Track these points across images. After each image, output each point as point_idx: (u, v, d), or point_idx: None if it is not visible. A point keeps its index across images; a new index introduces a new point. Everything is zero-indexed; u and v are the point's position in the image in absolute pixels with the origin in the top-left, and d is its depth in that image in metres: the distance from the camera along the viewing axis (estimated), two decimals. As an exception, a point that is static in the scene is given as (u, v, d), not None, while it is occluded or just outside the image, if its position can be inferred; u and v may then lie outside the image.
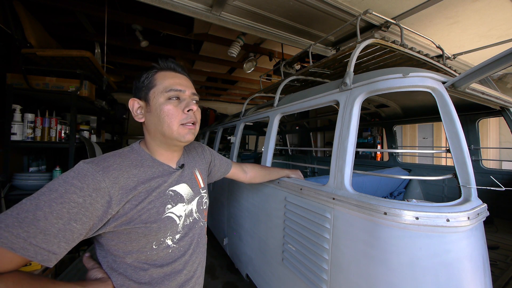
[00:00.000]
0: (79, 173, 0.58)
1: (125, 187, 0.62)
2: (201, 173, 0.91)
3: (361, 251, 0.85)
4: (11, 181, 1.86)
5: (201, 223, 0.84)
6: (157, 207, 0.68)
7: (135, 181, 0.65)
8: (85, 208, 0.55)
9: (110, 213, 0.59)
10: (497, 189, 0.89)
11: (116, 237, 0.63)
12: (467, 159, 0.78)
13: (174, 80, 0.73)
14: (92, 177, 0.58)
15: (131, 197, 0.63)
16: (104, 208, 0.58)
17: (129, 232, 0.63)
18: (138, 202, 0.64)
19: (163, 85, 0.71)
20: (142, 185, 0.66)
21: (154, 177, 0.70)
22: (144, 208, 0.65)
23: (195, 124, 0.74)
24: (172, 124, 0.70)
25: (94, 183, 0.57)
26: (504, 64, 0.74)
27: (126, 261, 0.65)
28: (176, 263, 0.72)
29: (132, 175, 0.65)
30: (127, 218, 0.62)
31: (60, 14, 2.39)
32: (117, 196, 0.60)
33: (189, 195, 0.79)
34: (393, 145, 2.46)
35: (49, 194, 0.53)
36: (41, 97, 2.13)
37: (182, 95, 0.73)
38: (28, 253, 0.49)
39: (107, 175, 0.60)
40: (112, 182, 0.60)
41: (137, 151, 0.73)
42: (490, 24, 1.93)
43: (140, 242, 0.65)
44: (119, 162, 0.65)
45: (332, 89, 1.15)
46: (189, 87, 0.75)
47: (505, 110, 1.64)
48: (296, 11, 1.85)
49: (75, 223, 0.54)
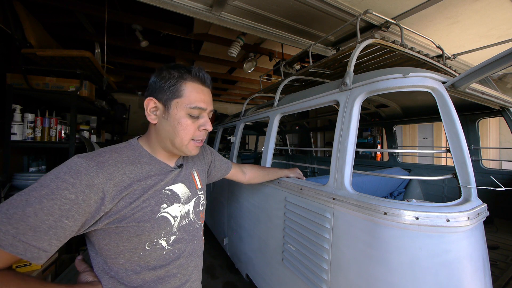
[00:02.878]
0: (72, 168, 0.56)
1: (119, 184, 0.60)
2: (199, 174, 0.89)
3: (361, 251, 0.85)
4: (11, 181, 1.86)
5: (196, 225, 0.81)
6: (151, 206, 0.66)
7: (130, 177, 0.63)
8: (78, 205, 0.54)
9: (103, 210, 0.58)
10: (497, 189, 0.89)
11: (107, 236, 0.61)
12: (467, 159, 0.78)
13: (200, 96, 0.70)
14: (86, 172, 0.56)
15: (126, 194, 0.61)
16: (97, 204, 0.57)
17: (121, 231, 0.61)
18: (133, 200, 0.62)
19: (189, 99, 0.68)
20: (137, 183, 0.64)
21: (150, 175, 0.68)
22: (138, 207, 0.63)
23: (203, 140, 0.76)
24: (184, 139, 0.69)
25: (87, 178, 0.55)
26: (504, 64, 0.74)
27: (117, 261, 0.63)
28: (170, 266, 0.70)
29: (128, 171, 0.63)
30: (120, 216, 0.60)
31: (60, 14, 2.39)
32: (111, 193, 0.58)
33: (186, 195, 0.77)
34: (393, 145, 2.46)
35: (40, 190, 0.51)
36: (41, 97, 2.13)
37: (202, 113, 0.72)
38: (17, 250, 0.48)
39: (101, 171, 0.58)
40: (107, 178, 0.58)
41: (134, 147, 0.71)
42: (490, 24, 1.93)
43: (132, 242, 0.63)
44: (115, 157, 0.63)
45: (332, 89, 1.15)
46: (210, 103, 0.74)
47: (505, 110, 1.64)
48: (296, 11, 1.85)
49: (66, 220, 0.52)
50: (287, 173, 1.34)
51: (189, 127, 0.69)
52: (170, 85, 0.68)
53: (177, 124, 0.68)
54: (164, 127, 0.70)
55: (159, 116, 0.70)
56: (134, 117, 5.49)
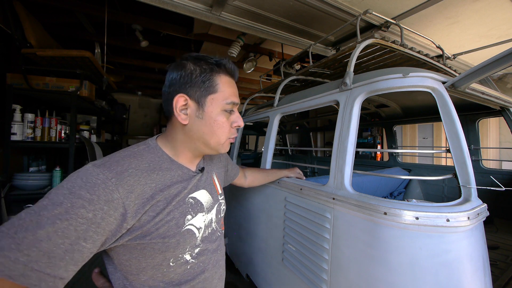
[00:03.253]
0: (87, 180, 0.48)
1: (141, 196, 0.53)
2: (219, 178, 0.84)
3: (361, 251, 0.85)
4: (11, 181, 1.86)
5: (218, 233, 0.75)
6: (176, 219, 0.59)
7: (152, 187, 0.56)
8: (96, 224, 0.47)
9: (125, 227, 0.51)
10: (497, 189, 0.89)
11: (128, 252, 0.55)
12: (467, 159, 0.78)
13: (232, 89, 0.65)
14: (104, 186, 0.49)
15: (149, 208, 0.54)
16: (118, 222, 0.50)
17: (143, 248, 0.55)
18: (156, 213, 0.55)
19: (225, 94, 0.63)
20: (160, 193, 0.57)
21: (173, 183, 0.60)
22: (162, 220, 0.56)
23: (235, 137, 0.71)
24: (221, 138, 0.64)
25: (105, 193, 0.48)
26: (504, 64, 0.74)
27: (139, 278, 0.57)
28: (195, 281, 0.64)
29: (150, 180, 0.56)
30: (143, 232, 0.54)
31: (60, 14, 2.39)
32: (133, 208, 0.51)
33: (209, 202, 0.70)
34: (393, 145, 2.46)
35: (52, 209, 0.44)
36: (41, 97, 2.13)
37: (234, 108, 0.67)
38: (30, 281, 0.41)
39: (121, 183, 0.51)
40: (127, 191, 0.51)
41: (154, 150, 0.63)
42: (490, 24, 1.93)
43: (156, 259, 0.57)
44: (135, 165, 0.56)
45: (332, 89, 1.15)
46: (238, 97, 0.68)
47: (505, 110, 1.64)
48: (296, 11, 1.85)
49: (84, 242, 0.46)
50: (287, 173, 1.34)
51: (224, 124, 0.64)
52: (204, 79, 0.61)
53: (213, 123, 0.62)
54: (198, 128, 0.62)
55: (190, 115, 0.62)
56: (134, 117, 5.49)
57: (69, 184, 0.48)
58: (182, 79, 0.61)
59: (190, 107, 0.61)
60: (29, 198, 1.91)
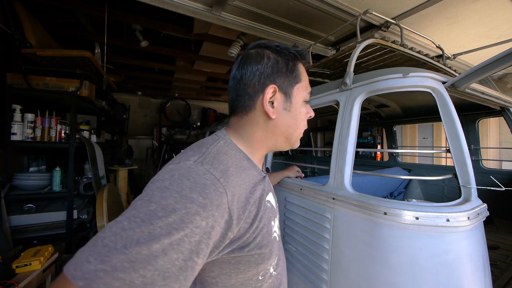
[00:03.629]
0: (195, 181, 0.40)
1: (240, 199, 0.45)
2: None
3: (361, 251, 0.85)
4: (11, 181, 1.86)
5: (279, 238, 0.67)
6: (266, 225, 0.51)
7: (246, 190, 0.48)
8: (207, 234, 0.38)
9: (228, 236, 0.43)
10: (497, 189, 0.89)
11: (218, 267, 0.46)
12: (467, 159, 0.78)
13: (308, 78, 0.60)
14: (214, 188, 0.41)
15: (247, 214, 0.46)
16: (223, 230, 0.42)
17: (238, 261, 0.46)
18: (251, 219, 0.47)
19: (306, 83, 0.58)
20: (251, 196, 0.49)
21: (256, 184, 0.52)
22: (257, 228, 0.48)
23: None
24: (301, 131, 0.59)
25: (217, 196, 0.40)
26: (504, 64, 0.74)
27: None
28: None
29: (242, 181, 0.48)
30: (242, 242, 0.45)
31: (60, 14, 2.39)
32: (236, 213, 0.44)
33: (276, 206, 0.63)
34: (393, 145, 2.46)
35: (166, 216, 0.35)
36: (41, 97, 2.13)
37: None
38: None
39: (228, 184, 0.43)
40: (232, 193, 0.43)
41: (233, 146, 0.54)
42: (490, 24, 1.93)
43: (248, 273, 0.48)
44: (231, 162, 0.48)
45: (332, 89, 1.15)
46: None
47: (505, 110, 1.64)
48: (296, 11, 1.85)
49: (197, 257, 0.37)
50: (287, 174, 1.34)
51: (305, 117, 0.59)
52: (293, 68, 0.56)
53: (299, 115, 0.57)
54: (285, 121, 0.56)
55: (277, 108, 0.55)
56: (134, 117, 5.48)
57: (174, 185, 0.39)
58: (268, 69, 0.54)
59: (277, 99, 0.55)
60: (29, 198, 1.91)
